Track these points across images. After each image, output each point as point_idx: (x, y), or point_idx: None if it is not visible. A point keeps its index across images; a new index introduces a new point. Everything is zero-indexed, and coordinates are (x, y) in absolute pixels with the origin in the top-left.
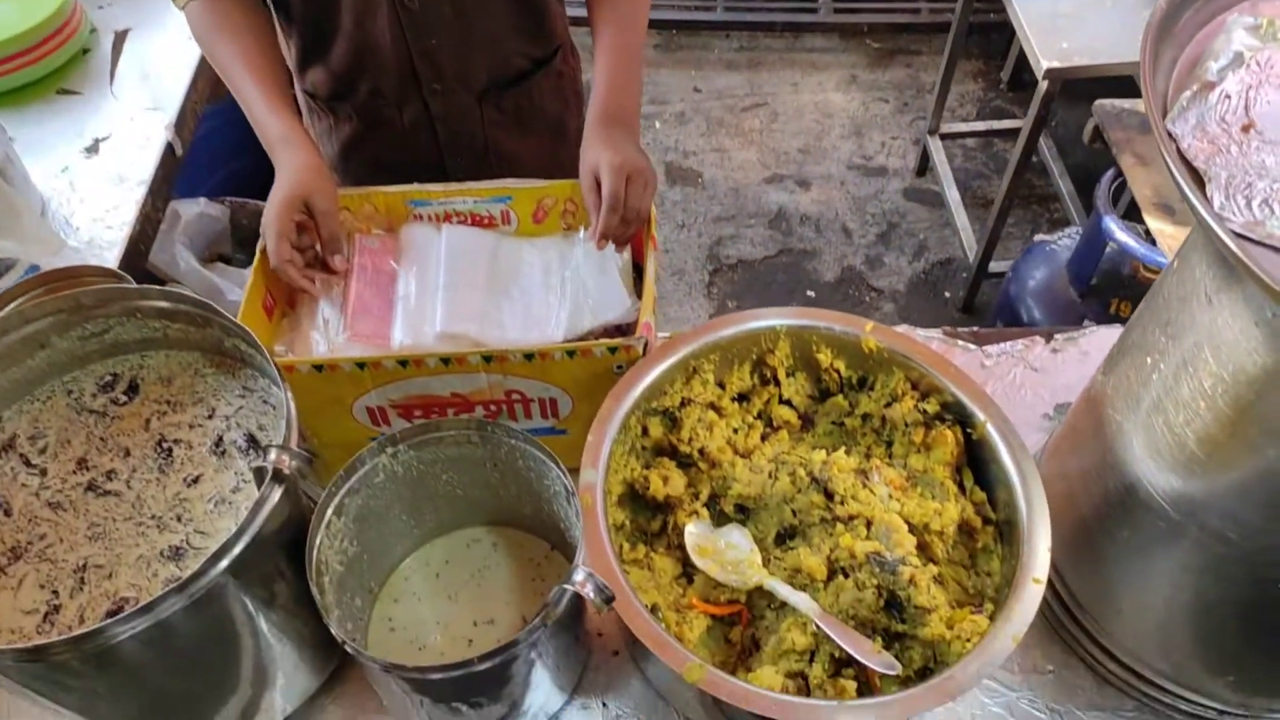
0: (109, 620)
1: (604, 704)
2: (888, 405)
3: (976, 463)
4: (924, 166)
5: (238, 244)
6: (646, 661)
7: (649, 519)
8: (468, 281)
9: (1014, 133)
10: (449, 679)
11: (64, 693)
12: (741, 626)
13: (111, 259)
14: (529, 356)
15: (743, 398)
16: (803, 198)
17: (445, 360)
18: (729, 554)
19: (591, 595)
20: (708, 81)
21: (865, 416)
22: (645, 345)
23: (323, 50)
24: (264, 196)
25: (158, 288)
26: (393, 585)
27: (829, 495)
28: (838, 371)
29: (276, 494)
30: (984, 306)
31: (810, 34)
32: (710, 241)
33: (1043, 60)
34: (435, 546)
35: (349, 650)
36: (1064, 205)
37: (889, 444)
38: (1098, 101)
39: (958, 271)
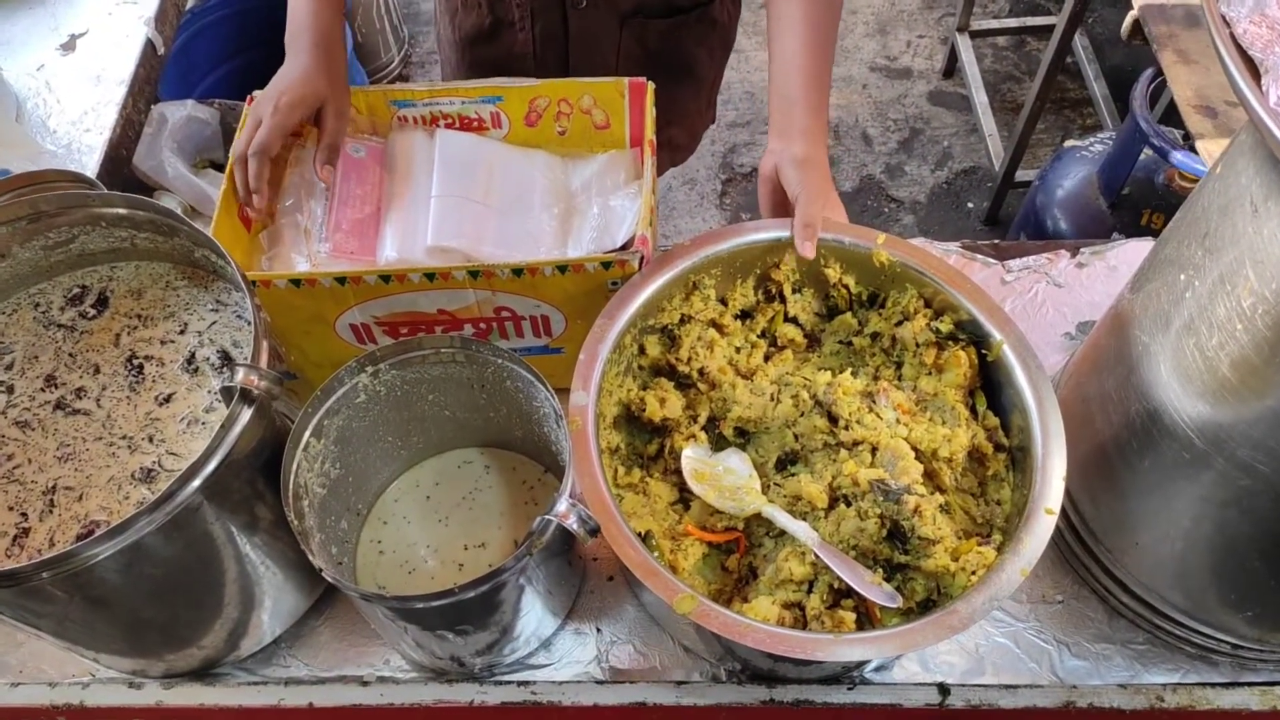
0: (80, 543)
1: (598, 629)
2: (899, 324)
3: (990, 385)
4: (951, 68)
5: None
6: (641, 588)
7: (645, 442)
8: (462, 193)
9: (1049, 30)
10: (433, 608)
11: (39, 618)
12: (738, 555)
13: (91, 164)
14: (518, 272)
15: (746, 315)
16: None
17: (430, 275)
18: (727, 479)
19: (575, 527)
20: None
21: (874, 336)
22: (641, 260)
23: None
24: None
25: (120, 194)
26: (381, 508)
27: (833, 419)
28: (846, 287)
29: (246, 414)
30: (1009, 219)
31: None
32: (723, 149)
33: None
34: (424, 468)
35: (328, 579)
36: (1098, 110)
37: (898, 365)
38: None
39: (982, 181)
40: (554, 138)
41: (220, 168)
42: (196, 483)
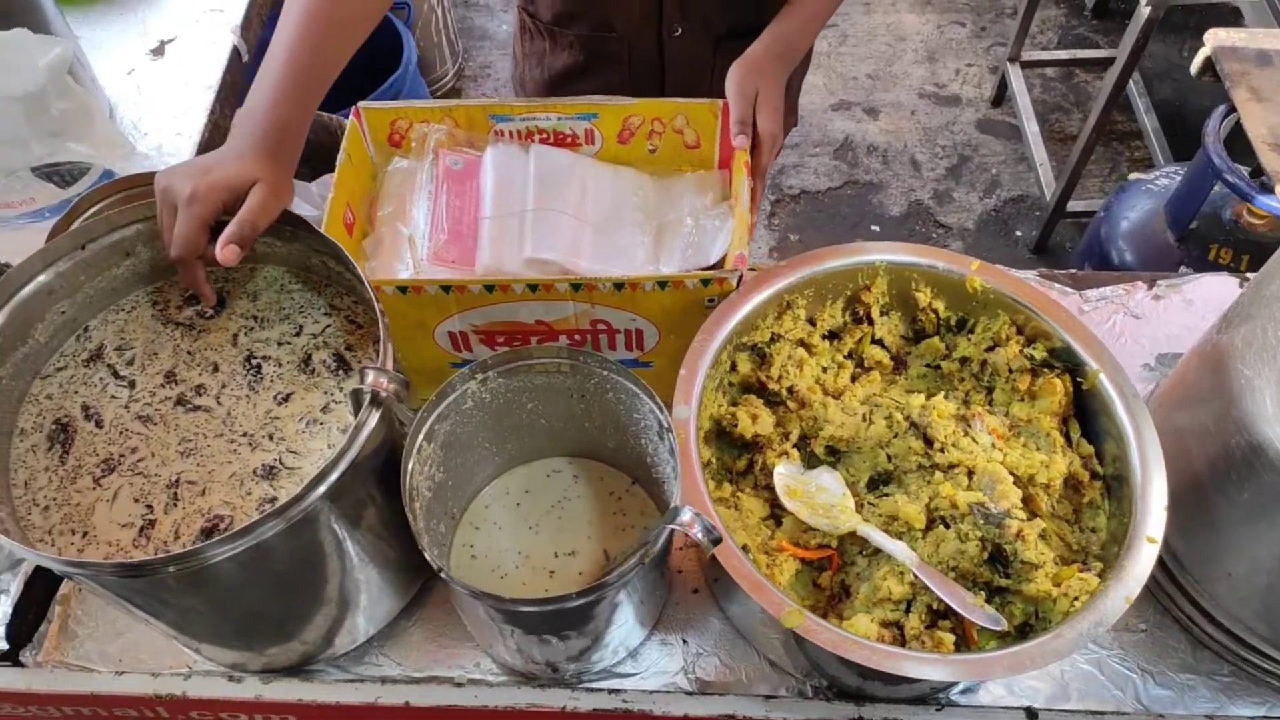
0: (210, 541)
1: (684, 640)
2: (989, 349)
3: (1083, 413)
4: (1000, 96)
5: (304, 159)
6: (728, 600)
7: (734, 457)
8: (555, 207)
9: (1098, 63)
10: (544, 612)
11: (156, 606)
12: (831, 571)
13: None
14: (619, 286)
15: (833, 335)
16: (870, 126)
17: (533, 287)
18: (820, 497)
19: (700, 536)
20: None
21: (964, 360)
22: (739, 278)
23: None
24: (333, 107)
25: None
26: (473, 512)
27: (928, 442)
28: (935, 312)
29: (374, 418)
30: (1057, 248)
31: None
32: (772, 170)
33: None
34: (515, 475)
35: (444, 579)
36: (1148, 143)
37: (989, 390)
38: (1211, 31)
39: (1031, 210)
40: (644, 155)
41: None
42: (324, 487)
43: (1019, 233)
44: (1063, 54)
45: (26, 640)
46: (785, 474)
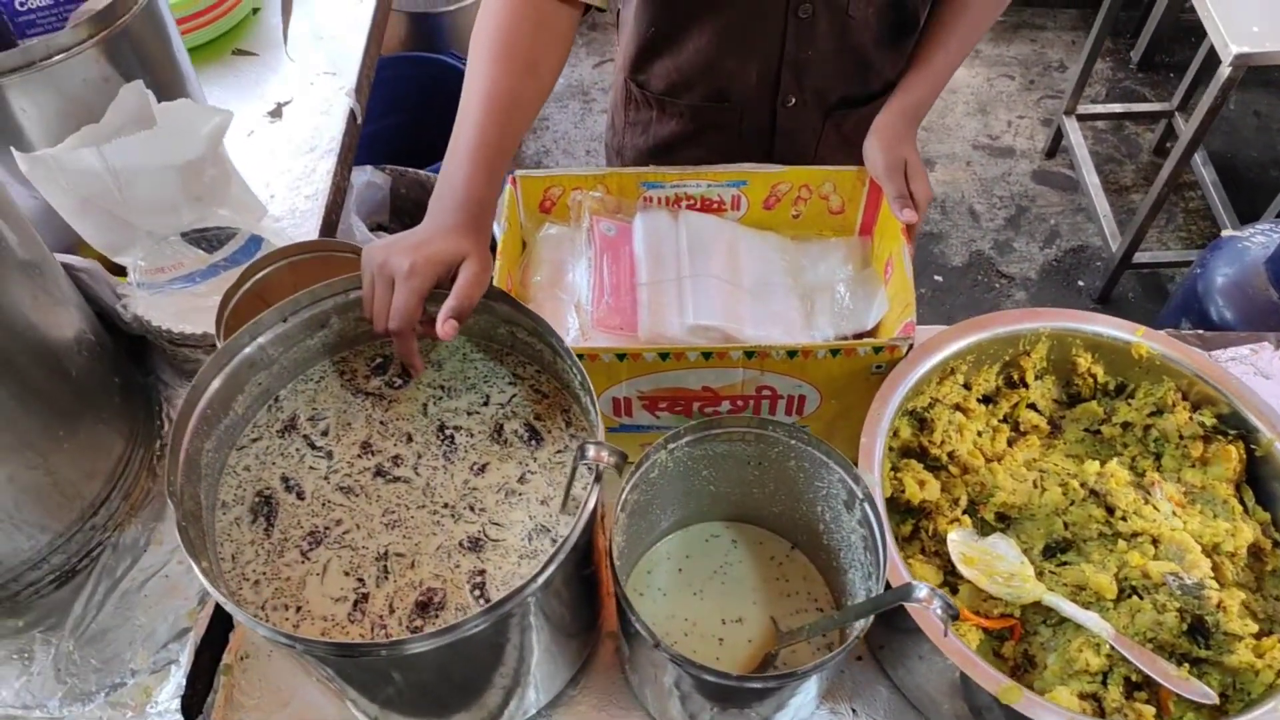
0: (443, 629)
1: (853, 710)
2: (1152, 415)
3: (1254, 479)
4: (1054, 148)
5: (393, 213)
6: (902, 669)
7: (897, 523)
8: (707, 272)
9: (1149, 116)
10: (751, 688)
11: (347, 677)
12: (1013, 641)
13: (311, 228)
14: (791, 354)
15: (987, 399)
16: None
17: (706, 354)
18: (999, 565)
19: (938, 613)
20: None
21: (1125, 425)
22: (910, 346)
23: (677, 45)
24: (410, 161)
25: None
26: (636, 579)
27: (1108, 509)
28: (1094, 376)
29: (596, 494)
30: (1121, 298)
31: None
32: None
33: (1231, 45)
34: (674, 540)
35: (663, 650)
36: (1206, 194)
37: (1157, 457)
38: None
39: (1091, 260)
40: (787, 220)
41: (384, 228)
42: (554, 567)
43: (1081, 283)
44: (1117, 107)
45: (198, 711)
46: (960, 541)
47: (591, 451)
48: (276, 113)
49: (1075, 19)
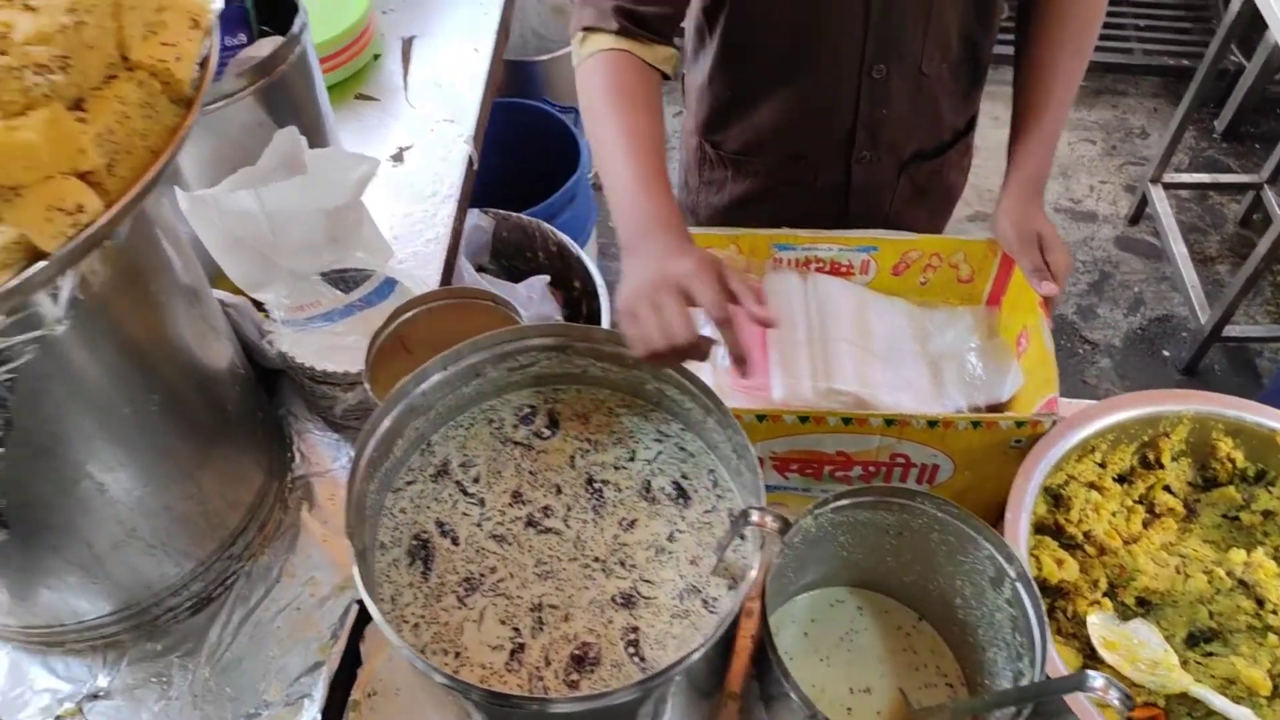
0: (607, 693)
1: None
2: None
3: None
4: (1138, 215)
5: (493, 255)
6: None
7: None
8: (838, 336)
9: (1236, 187)
10: None
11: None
12: None
13: (434, 271)
14: (932, 424)
15: (1120, 478)
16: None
17: (846, 420)
18: (1142, 652)
19: (1116, 703)
20: None
21: (1266, 514)
22: (1053, 422)
23: (753, 108)
24: (504, 203)
25: (603, 329)
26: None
27: (1259, 601)
28: (1233, 461)
29: (758, 559)
30: (1207, 371)
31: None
32: None
33: None
34: (798, 603)
35: (813, 712)
36: None
37: None
38: None
39: (1177, 330)
40: (915, 287)
41: (484, 270)
42: (720, 632)
43: (1167, 353)
44: (1204, 177)
45: None
46: (1101, 624)
47: (755, 516)
48: (398, 157)
49: (1157, 86)
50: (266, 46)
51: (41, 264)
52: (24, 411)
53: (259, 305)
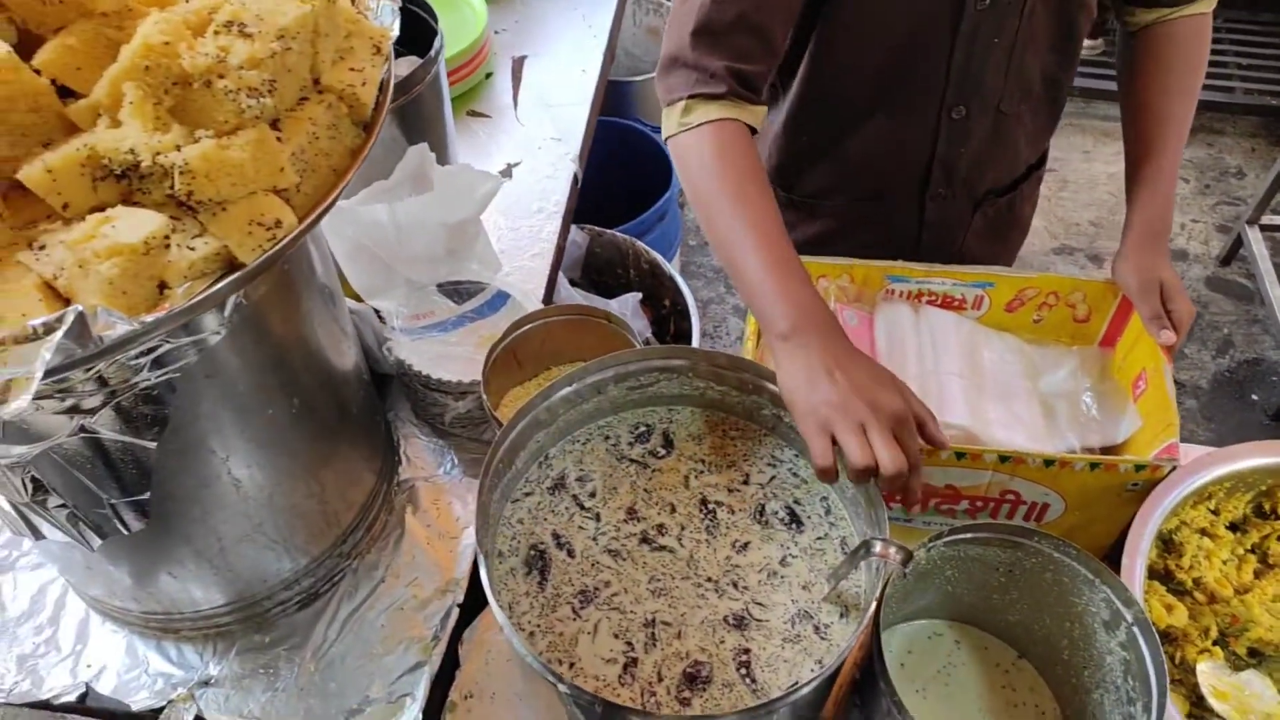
0: (720, 715)
1: None
2: None
3: None
4: (1229, 255)
5: (584, 270)
6: None
7: None
8: (948, 370)
9: None
10: None
11: None
12: None
13: (538, 285)
14: (1048, 463)
15: (1233, 526)
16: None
17: (959, 454)
18: (1255, 704)
19: None
20: None
21: None
22: (1172, 467)
23: (827, 154)
24: (596, 218)
25: (725, 353)
26: None
27: None
28: None
29: (877, 591)
30: None
31: (1104, 100)
32: None
33: None
34: (896, 633)
35: None
36: None
37: None
38: None
39: (1267, 375)
40: (1028, 325)
41: (576, 285)
42: (839, 659)
43: (1255, 397)
44: None
45: None
46: (1210, 673)
47: (879, 547)
48: (507, 173)
49: (1255, 125)
50: (404, 66)
51: (236, 275)
52: (179, 410)
53: (377, 313)
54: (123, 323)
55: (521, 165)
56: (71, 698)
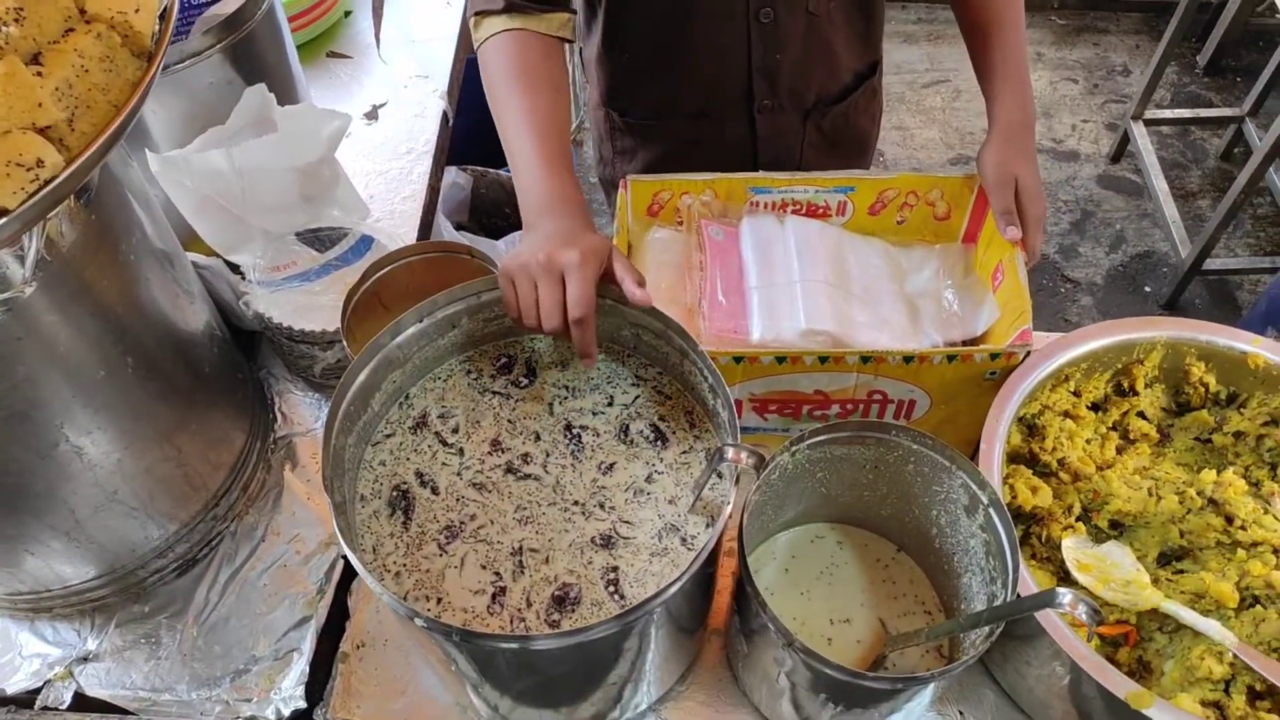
0: (585, 628)
1: (960, 713)
2: (1267, 424)
3: None
4: (1120, 152)
5: (472, 212)
6: (1007, 673)
7: None
8: (815, 277)
9: (1217, 121)
10: (869, 688)
11: (483, 669)
12: (1128, 647)
13: (411, 229)
14: (908, 359)
15: (1095, 407)
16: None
17: (822, 359)
18: (1114, 572)
19: (1084, 618)
20: (885, 55)
21: (1238, 435)
22: (1026, 353)
23: (647, 72)
24: (481, 160)
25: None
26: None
27: (1228, 519)
28: (1205, 386)
29: (733, 495)
30: (1188, 304)
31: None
32: None
33: None
34: (780, 540)
35: (796, 649)
36: (1276, 200)
37: (1273, 466)
38: None
39: (1158, 266)
40: (892, 226)
41: (464, 228)
42: (698, 566)
43: (1148, 289)
44: (1185, 113)
45: (319, 698)
46: (1074, 547)
47: (730, 453)
48: (372, 115)
49: (1139, 23)
50: (233, 3)
51: (1, 220)
52: None
53: (235, 268)
54: None
55: (388, 106)
56: None
